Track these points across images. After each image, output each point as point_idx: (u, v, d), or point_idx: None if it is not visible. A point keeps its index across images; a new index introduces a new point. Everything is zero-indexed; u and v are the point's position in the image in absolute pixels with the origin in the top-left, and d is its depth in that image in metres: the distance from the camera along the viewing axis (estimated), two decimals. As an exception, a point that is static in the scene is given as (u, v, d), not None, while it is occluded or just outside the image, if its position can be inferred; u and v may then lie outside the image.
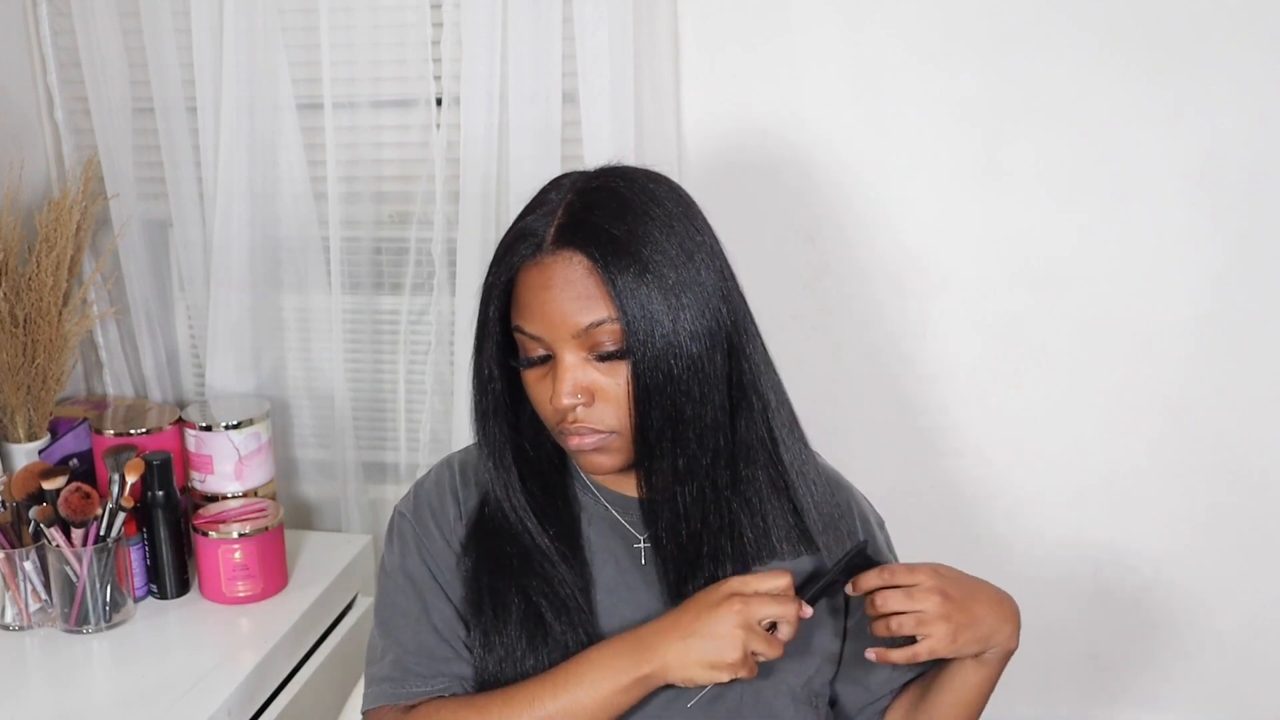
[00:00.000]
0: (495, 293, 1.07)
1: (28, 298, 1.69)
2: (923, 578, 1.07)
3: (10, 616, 1.56)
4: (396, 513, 1.20)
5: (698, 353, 1.03)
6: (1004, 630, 1.09)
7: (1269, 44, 1.53)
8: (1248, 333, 1.63)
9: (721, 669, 1.02)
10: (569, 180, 1.08)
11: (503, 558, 1.12)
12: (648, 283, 1.01)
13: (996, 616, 1.09)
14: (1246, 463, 1.67)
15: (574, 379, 1.04)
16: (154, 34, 1.75)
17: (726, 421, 1.07)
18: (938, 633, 1.05)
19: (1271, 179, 1.57)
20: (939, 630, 1.05)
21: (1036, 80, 1.59)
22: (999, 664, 1.12)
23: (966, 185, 1.64)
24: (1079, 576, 1.75)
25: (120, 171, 1.82)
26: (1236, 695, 1.76)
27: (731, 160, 1.68)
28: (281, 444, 1.88)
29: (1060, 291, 1.65)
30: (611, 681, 1.04)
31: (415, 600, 1.15)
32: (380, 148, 1.77)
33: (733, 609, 1.03)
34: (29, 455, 1.70)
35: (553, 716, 1.04)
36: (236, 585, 1.62)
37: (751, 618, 1.03)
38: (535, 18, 1.63)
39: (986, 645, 1.09)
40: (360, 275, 1.82)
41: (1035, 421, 1.71)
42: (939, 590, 1.06)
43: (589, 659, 1.06)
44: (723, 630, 1.02)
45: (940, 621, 1.05)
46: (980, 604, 1.08)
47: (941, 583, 1.07)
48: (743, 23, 1.63)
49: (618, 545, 1.15)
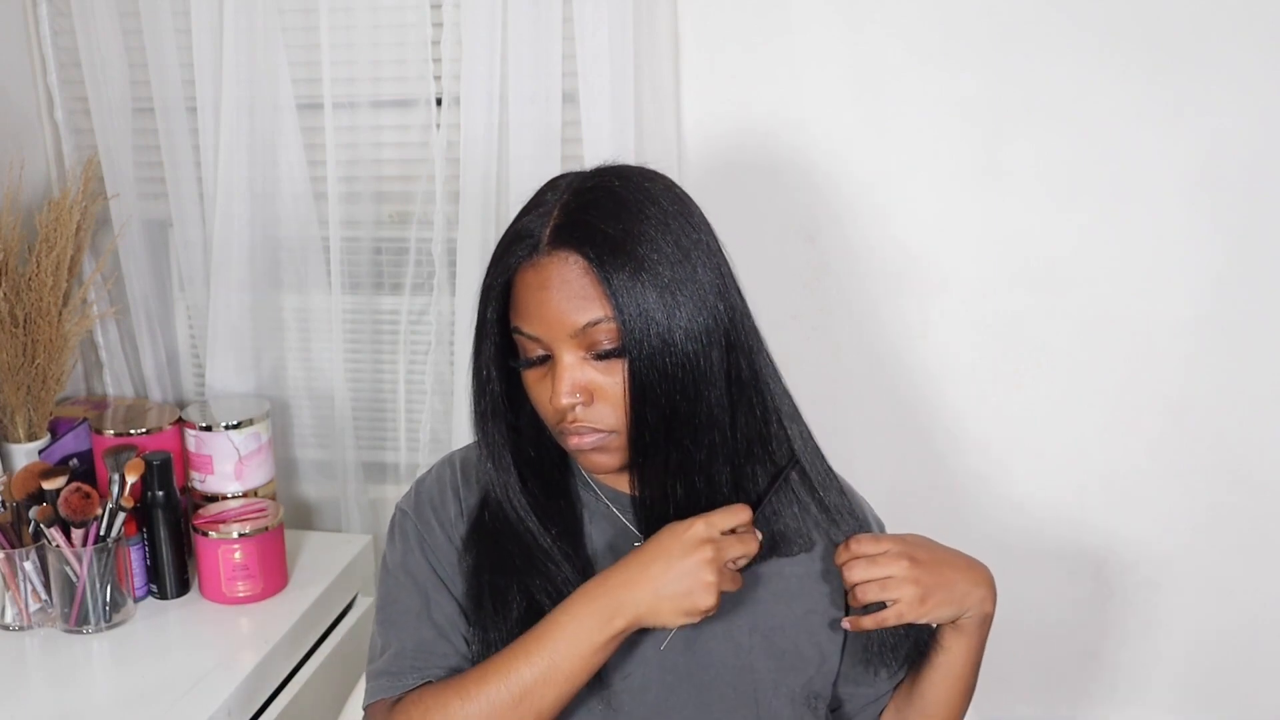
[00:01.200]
0: (493, 294, 1.07)
1: (28, 298, 1.69)
2: (888, 545, 1.09)
3: (10, 616, 1.56)
4: (398, 510, 1.20)
5: (694, 350, 1.03)
6: (976, 593, 1.10)
7: (1269, 44, 1.53)
8: (1248, 333, 1.63)
9: (696, 614, 1.03)
10: (565, 181, 1.08)
11: (504, 556, 1.12)
12: (643, 281, 1.01)
13: (967, 580, 1.10)
14: (1246, 463, 1.67)
15: (572, 378, 1.04)
16: (154, 34, 1.75)
17: (725, 419, 1.07)
18: (906, 595, 1.07)
19: (1271, 179, 1.57)
20: (907, 593, 1.07)
21: (1036, 80, 1.59)
22: (977, 631, 1.13)
23: (966, 185, 1.64)
24: (1079, 576, 1.75)
25: (120, 171, 1.82)
26: (1236, 695, 1.76)
27: (731, 160, 1.68)
28: (281, 444, 1.88)
29: (1060, 291, 1.66)
30: (586, 641, 1.04)
31: (416, 596, 1.15)
32: (380, 148, 1.77)
33: (705, 556, 1.03)
34: (29, 455, 1.70)
35: (531, 684, 1.04)
36: (236, 585, 1.62)
37: (721, 561, 1.04)
38: (535, 18, 1.62)
39: (960, 609, 1.10)
40: (360, 275, 1.82)
41: (1035, 421, 1.71)
42: (905, 555, 1.08)
43: (558, 622, 1.05)
44: (697, 578, 1.03)
45: (908, 585, 1.07)
46: (950, 568, 1.10)
47: (908, 549, 1.09)
48: (743, 23, 1.63)
49: (619, 542, 1.16)
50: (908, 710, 1.20)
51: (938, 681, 1.17)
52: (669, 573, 1.03)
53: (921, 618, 1.09)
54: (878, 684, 1.22)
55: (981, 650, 1.16)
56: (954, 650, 1.14)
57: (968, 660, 1.15)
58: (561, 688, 1.04)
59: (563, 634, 1.04)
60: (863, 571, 1.08)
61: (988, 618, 1.13)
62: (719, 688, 1.14)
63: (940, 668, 1.16)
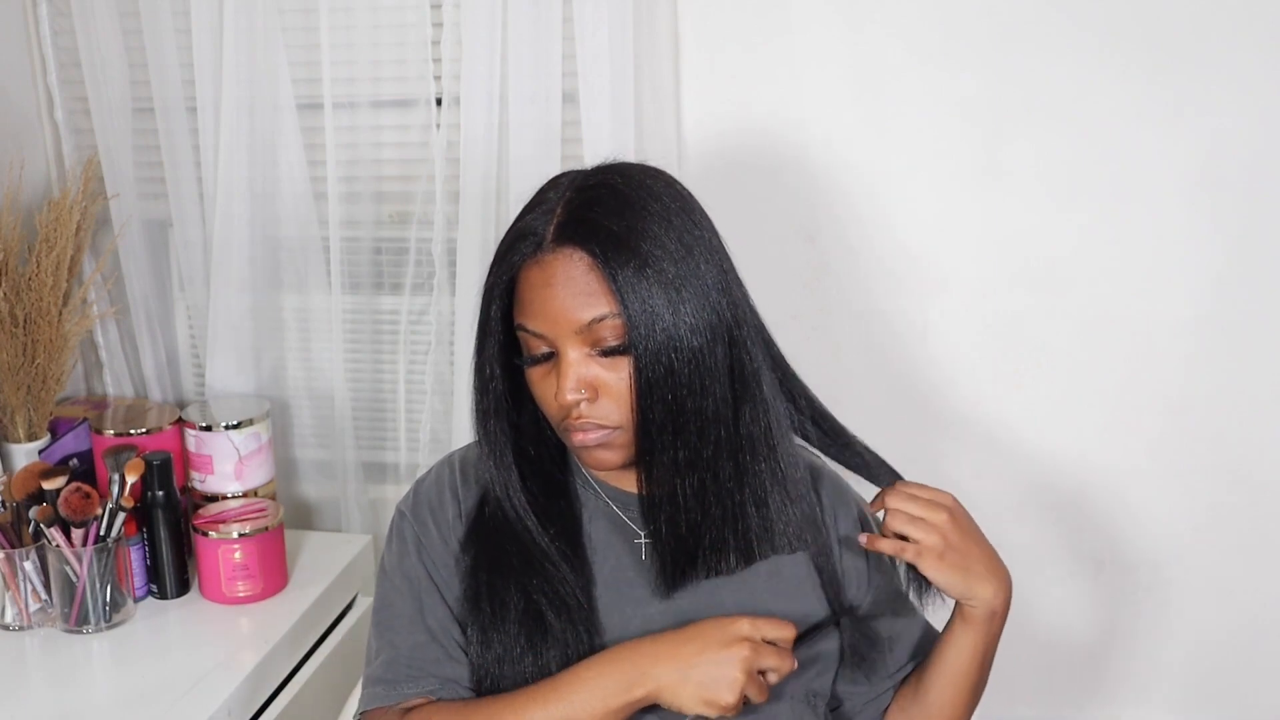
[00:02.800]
0: (497, 292, 1.07)
1: (28, 298, 1.69)
2: (937, 495, 1.11)
3: (10, 616, 1.56)
4: (397, 512, 1.20)
5: (698, 345, 1.04)
6: (990, 583, 1.10)
7: (1269, 44, 1.53)
8: (1248, 333, 1.63)
9: (714, 708, 1.03)
10: (567, 179, 1.08)
11: (503, 556, 1.13)
12: (648, 277, 1.01)
13: (986, 567, 1.11)
14: (1246, 463, 1.67)
15: (577, 374, 1.04)
16: (154, 34, 1.75)
17: (729, 414, 1.07)
18: (929, 542, 1.08)
19: (1271, 179, 1.57)
20: (931, 540, 1.08)
21: (1036, 80, 1.59)
22: (984, 625, 1.13)
23: (966, 185, 1.64)
24: (1079, 577, 1.75)
25: (120, 171, 1.82)
26: (1236, 695, 1.76)
27: (731, 160, 1.68)
28: (281, 444, 1.88)
29: (1060, 291, 1.66)
30: (602, 702, 1.05)
31: (411, 601, 1.15)
32: (380, 148, 1.77)
33: (741, 654, 1.04)
34: (29, 455, 1.70)
35: None
36: (236, 585, 1.62)
37: (755, 665, 1.04)
38: (535, 18, 1.63)
39: (968, 589, 1.10)
40: (360, 275, 1.82)
41: (1035, 421, 1.71)
42: (947, 510, 1.09)
43: (581, 676, 1.06)
44: (726, 672, 1.03)
45: (935, 533, 1.08)
46: (979, 549, 1.11)
47: (953, 508, 1.10)
48: (743, 23, 1.63)
49: (618, 541, 1.16)
50: (912, 710, 1.20)
51: (943, 680, 1.16)
52: (700, 657, 1.04)
53: (930, 571, 1.09)
54: (876, 683, 1.22)
55: (989, 653, 1.16)
56: (959, 644, 1.14)
57: (973, 658, 1.15)
58: None
59: (584, 688, 1.05)
60: (904, 503, 1.09)
61: (995, 615, 1.12)
62: None
63: (948, 664, 1.16)
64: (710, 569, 1.11)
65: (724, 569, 1.11)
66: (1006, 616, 1.14)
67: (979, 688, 1.18)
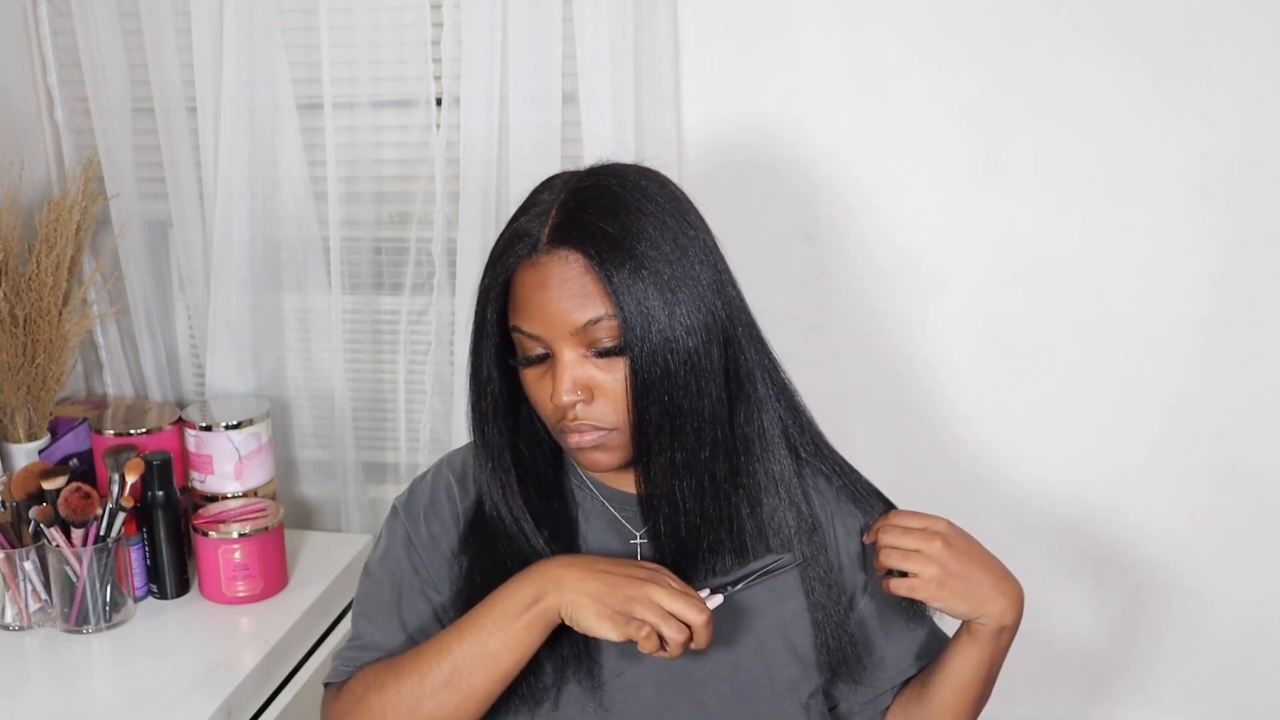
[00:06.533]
0: (492, 294, 1.08)
1: (28, 298, 1.69)
2: (928, 523, 1.09)
3: (10, 616, 1.56)
4: (392, 509, 1.21)
5: (694, 346, 1.04)
6: (998, 601, 1.09)
7: (1269, 44, 1.53)
8: (1248, 333, 1.63)
9: (605, 616, 1.01)
10: (561, 180, 1.09)
11: (496, 558, 1.13)
12: (643, 279, 1.01)
13: (993, 585, 1.09)
14: (1246, 463, 1.67)
15: (573, 376, 1.04)
16: (154, 34, 1.75)
17: (724, 415, 1.07)
18: (925, 573, 1.07)
19: (1271, 179, 1.57)
20: (927, 571, 1.07)
21: (1036, 80, 1.59)
22: (992, 640, 1.12)
23: (966, 185, 1.64)
24: (1079, 576, 1.75)
25: (120, 171, 1.82)
26: (1236, 695, 1.76)
27: (731, 160, 1.68)
28: (281, 444, 1.88)
29: (1060, 291, 1.66)
30: (512, 616, 1.04)
31: (390, 591, 1.16)
32: (380, 148, 1.77)
33: (648, 573, 1.03)
34: (29, 455, 1.70)
35: (463, 663, 1.05)
36: (236, 585, 1.62)
37: (661, 589, 1.01)
38: (535, 18, 1.63)
39: (976, 609, 1.09)
40: (360, 275, 1.82)
41: (1036, 422, 1.71)
42: (940, 537, 1.08)
43: (491, 598, 1.06)
44: (627, 584, 1.02)
45: (931, 564, 1.07)
46: (981, 568, 1.10)
47: (946, 533, 1.09)
48: (743, 23, 1.63)
49: (614, 542, 1.16)
50: (914, 712, 1.20)
51: (945, 688, 1.16)
52: (609, 568, 1.03)
53: (933, 600, 1.08)
54: (875, 684, 1.21)
55: (996, 665, 1.15)
56: (965, 655, 1.14)
57: (978, 670, 1.14)
58: (490, 668, 1.04)
59: (494, 608, 1.05)
60: (894, 537, 1.09)
61: (1005, 631, 1.12)
62: (713, 685, 1.14)
63: (953, 675, 1.15)
64: (707, 570, 1.11)
65: (720, 569, 1.11)
66: (1018, 629, 1.13)
67: (984, 697, 1.18)
